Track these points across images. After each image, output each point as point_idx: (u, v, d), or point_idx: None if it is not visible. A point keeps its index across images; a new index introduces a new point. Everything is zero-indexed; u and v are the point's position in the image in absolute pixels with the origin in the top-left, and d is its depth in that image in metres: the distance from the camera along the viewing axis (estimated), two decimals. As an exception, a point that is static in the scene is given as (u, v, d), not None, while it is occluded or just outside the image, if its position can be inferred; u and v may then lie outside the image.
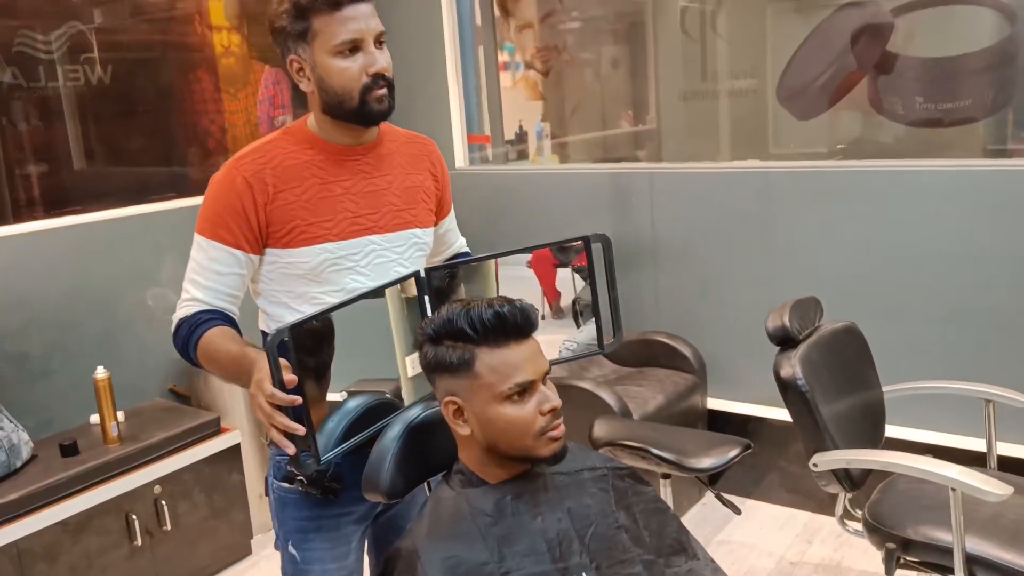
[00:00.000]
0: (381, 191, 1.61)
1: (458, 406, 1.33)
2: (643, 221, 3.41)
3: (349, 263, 1.57)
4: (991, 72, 3.01)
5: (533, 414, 1.31)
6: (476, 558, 1.28)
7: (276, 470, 1.64)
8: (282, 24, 1.50)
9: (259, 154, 1.55)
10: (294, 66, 1.53)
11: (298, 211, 1.53)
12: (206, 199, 1.56)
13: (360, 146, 1.60)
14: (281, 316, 1.58)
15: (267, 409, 1.31)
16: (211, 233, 1.53)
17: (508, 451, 1.34)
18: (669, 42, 4.35)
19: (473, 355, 1.30)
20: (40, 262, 2.92)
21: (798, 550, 2.96)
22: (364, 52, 1.50)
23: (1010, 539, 1.99)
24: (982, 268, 2.78)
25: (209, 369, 1.55)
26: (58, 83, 2.98)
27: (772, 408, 3.24)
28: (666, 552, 1.45)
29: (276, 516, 1.67)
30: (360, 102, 1.51)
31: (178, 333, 1.55)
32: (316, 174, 1.56)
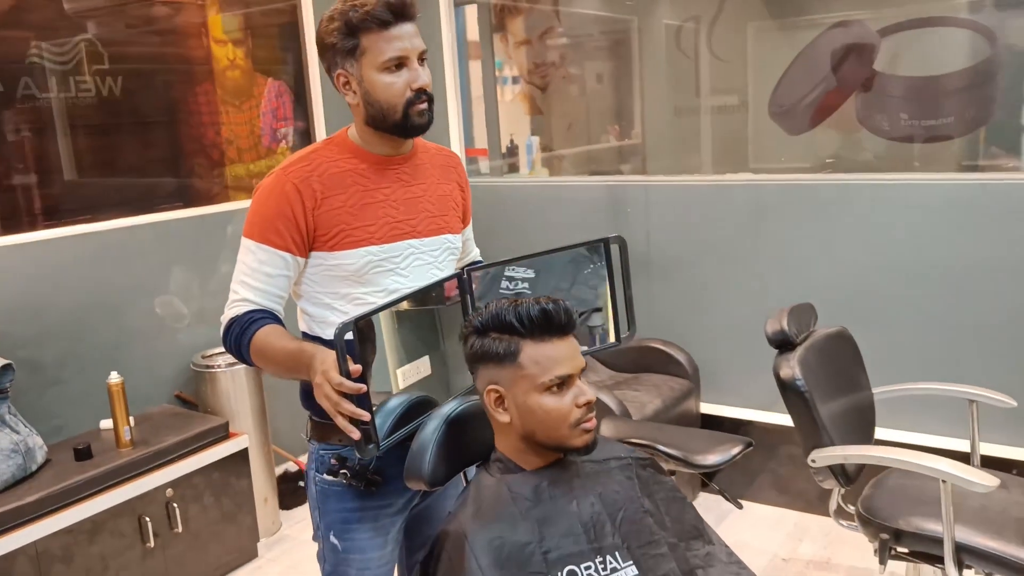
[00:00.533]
0: (418, 198, 1.71)
1: (500, 394, 1.43)
2: (638, 232, 3.53)
3: (391, 265, 1.66)
4: (972, 91, 3.17)
5: (570, 406, 1.42)
6: (519, 539, 1.37)
7: (319, 464, 1.72)
8: (332, 41, 1.59)
9: (306, 162, 1.64)
10: (341, 80, 1.62)
11: (343, 216, 1.62)
12: (255, 205, 1.65)
13: (399, 156, 1.70)
14: (324, 316, 1.67)
15: (334, 397, 1.38)
16: (261, 237, 1.61)
17: (544, 440, 1.44)
18: (654, 59, 4.49)
19: (519, 347, 1.41)
20: (53, 270, 2.97)
21: (789, 548, 3.08)
22: (408, 68, 1.59)
23: (996, 529, 2.12)
24: (964, 276, 2.93)
25: (261, 365, 1.61)
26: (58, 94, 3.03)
27: (762, 412, 3.37)
28: (686, 537, 1.55)
29: (317, 507, 1.74)
30: (403, 115, 1.61)
31: (229, 332, 1.62)
32: (359, 182, 1.65)
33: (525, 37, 4.44)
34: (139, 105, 3.27)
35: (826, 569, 2.93)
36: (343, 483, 1.66)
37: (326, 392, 1.40)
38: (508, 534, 1.37)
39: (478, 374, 1.47)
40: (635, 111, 4.74)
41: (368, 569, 1.74)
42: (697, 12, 4.12)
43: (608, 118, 4.92)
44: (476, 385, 1.49)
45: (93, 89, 3.10)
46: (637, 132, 4.74)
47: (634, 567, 1.41)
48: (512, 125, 4.42)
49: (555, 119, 4.75)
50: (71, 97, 3.05)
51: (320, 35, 1.62)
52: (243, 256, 1.64)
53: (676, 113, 4.37)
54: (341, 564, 1.73)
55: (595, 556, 1.40)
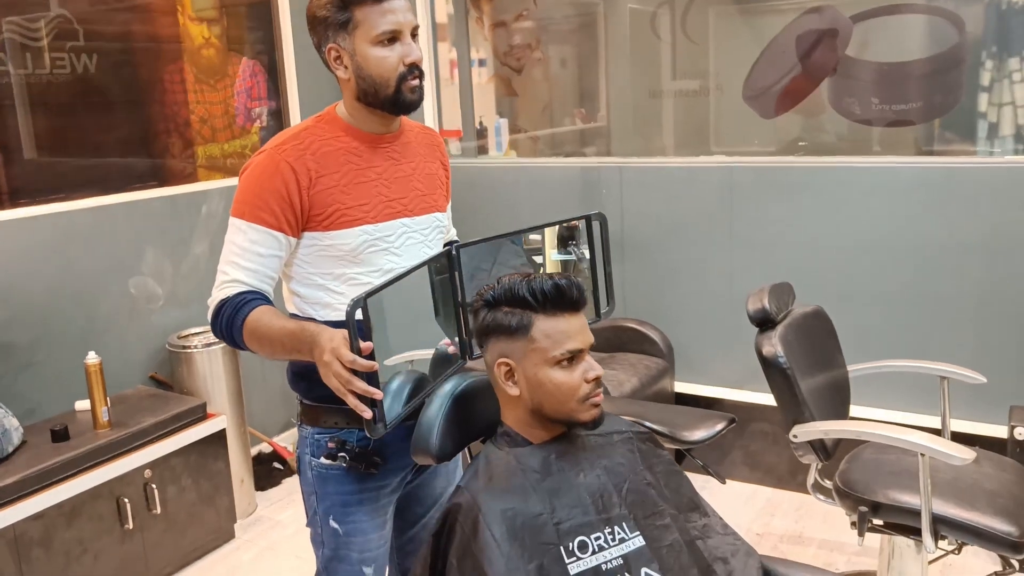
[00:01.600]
0: (408, 176, 1.71)
1: (510, 368, 1.45)
2: (612, 213, 3.57)
3: (385, 244, 1.65)
4: (940, 76, 3.25)
5: (579, 381, 1.44)
6: (531, 510, 1.40)
7: (315, 448, 1.70)
8: (324, 14, 1.57)
9: (298, 140, 1.61)
10: (332, 54, 1.60)
11: (338, 195, 1.61)
12: (246, 183, 1.61)
13: (389, 134, 1.69)
14: (318, 297, 1.65)
15: (345, 375, 1.37)
16: (253, 216, 1.58)
17: (552, 413, 1.46)
18: (619, 43, 4.53)
19: (531, 321, 1.43)
20: (24, 251, 2.92)
21: (763, 523, 3.15)
22: (402, 43, 1.58)
23: (970, 501, 2.20)
24: (930, 256, 3.02)
25: (255, 346, 1.57)
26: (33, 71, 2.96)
27: (734, 390, 3.44)
28: (684, 508, 1.59)
29: (315, 492, 1.73)
30: (396, 90, 1.59)
31: (220, 314, 1.58)
32: (352, 160, 1.63)
33: (500, 19, 4.43)
34: (113, 83, 3.21)
35: (799, 543, 3.01)
36: (343, 467, 1.65)
37: (336, 370, 1.38)
38: (520, 505, 1.40)
39: (488, 347, 1.49)
40: (600, 94, 4.77)
41: (369, 551, 1.75)
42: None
43: (575, 101, 4.95)
44: (485, 358, 1.51)
45: (68, 66, 3.03)
46: (603, 115, 4.78)
47: (640, 537, 1.45)
48: (479, 107, 4.42)
49: (529, 101, 4.76)
50: (45, 74, 2.98)
51: (311, 8, 1.60)
52: (233, 236, 1.61)
53: (641, 96, 4.41)
54: (342, 548, 1.73)
55: (604, 527, 1.43)
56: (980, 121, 3.18)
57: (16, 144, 2.95)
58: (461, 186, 3.94)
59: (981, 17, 3.18)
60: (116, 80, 3.21)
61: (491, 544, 1.34)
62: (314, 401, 1.69)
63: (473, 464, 1.49)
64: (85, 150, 3.16)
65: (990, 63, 3.12)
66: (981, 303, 2.97)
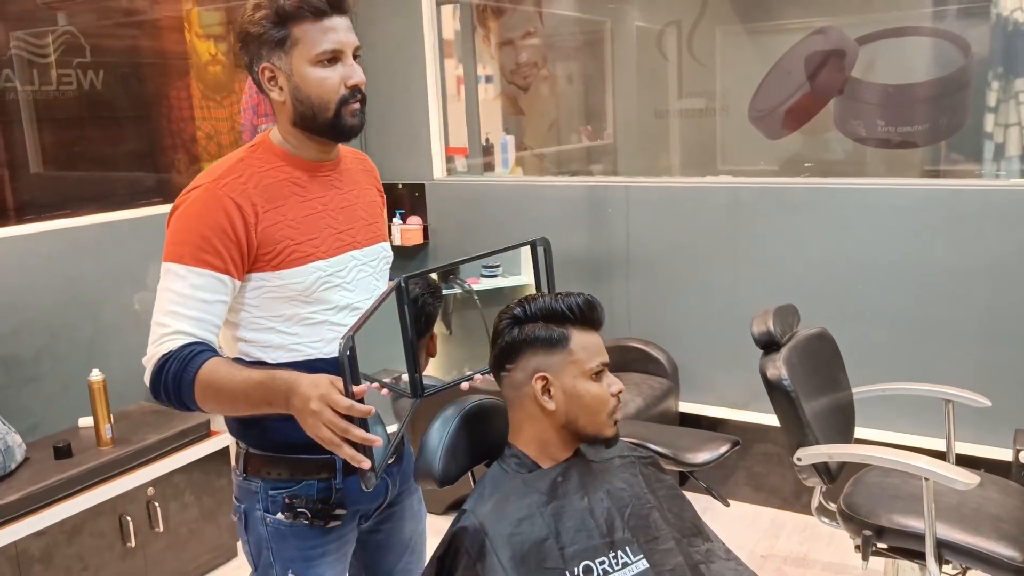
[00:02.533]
0: (352, 206, 1.60)
1: (547, 381, 1.46)
2: (618, 232, 3.57)
3: (337, 280, 1.53)
4: (946, 99, 3.26)
5: (607, 394, 1.49)
6: (537, 534, 1.40)
7: (269, 503, 1.56)
8: (258, 31, 1.45)
9: (236, 173, 1.47)
10: (265, 74, 1.48)
11: (286, 231, 1.48)
12: (182, 223, 1.45)
13: (329, 161, 1.58)
14: (268, 340, 1.51)
15: (341, 424, 1.25)
16: (194, 259, 1.42)
17: (584, 426, 1.49)
18: (626, 62, 4.55)
19: (569, 334, 1.46)
20: (30, 266, 2.93)
21: (767, 544, 3.13)
22: (343, 63, 1.48)
23: (974, 526, 2.18)
24: (936, 279, 3.01)
25: (210, 404, 1.40)
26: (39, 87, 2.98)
27: (738, 410, 3.43)
28: (687, 533, 1.59)
29: (269, 548, 1.58)
30: (335, 114, 1.48)
31: (164, 371, 1.39)
32: (296, 191, 1.51)
33: (507, 37, 4.46)
34: (119, 99, 3.23)
35: (803, 565, 3.00)
36: (304, 523, 1.53)
37: (327, 419, 1.25)
38: (526, 529, 1.40)
39: (518, 364, 1.49)
40: (607, 112, 4.79)
41: None
42: (668, 16, 4.18)
43: (581, 119, 4.97)
44: (511, 377, 1.50)
45: (74, 82, 3.05)
46: (609, 133, 4.79)
47: (644, 561, 1.45)
48: (486, 124, 4.44)
49: (535, 118, 4.78)
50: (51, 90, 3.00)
51: (243, 25, 1.47)
52: (170, 284, 1.43)
53: (648, 114, 4.43)
54: None
55: (608, 551, 1.43)
56: (987, 142, 3.18)
57: (23, 160, 2.97)
58: (466, 204, 4.00)
59: (987, 38, 3.19)
60: (122, 96, 3.24)
61: (497, 569, 1.34)
62: (265, 450, 1.55)
63: (479, 487, 1.49)
64: (91, 166, 3.18)
65: (996, 84, 3.13)
66: (986, 326, 2.96)
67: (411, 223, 4.01)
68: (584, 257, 3.66)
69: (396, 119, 4.01)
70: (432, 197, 4.01)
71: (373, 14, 3.95)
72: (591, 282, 3.66)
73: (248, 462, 1.58)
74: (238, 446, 1.61)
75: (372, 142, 4.11)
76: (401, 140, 4.03)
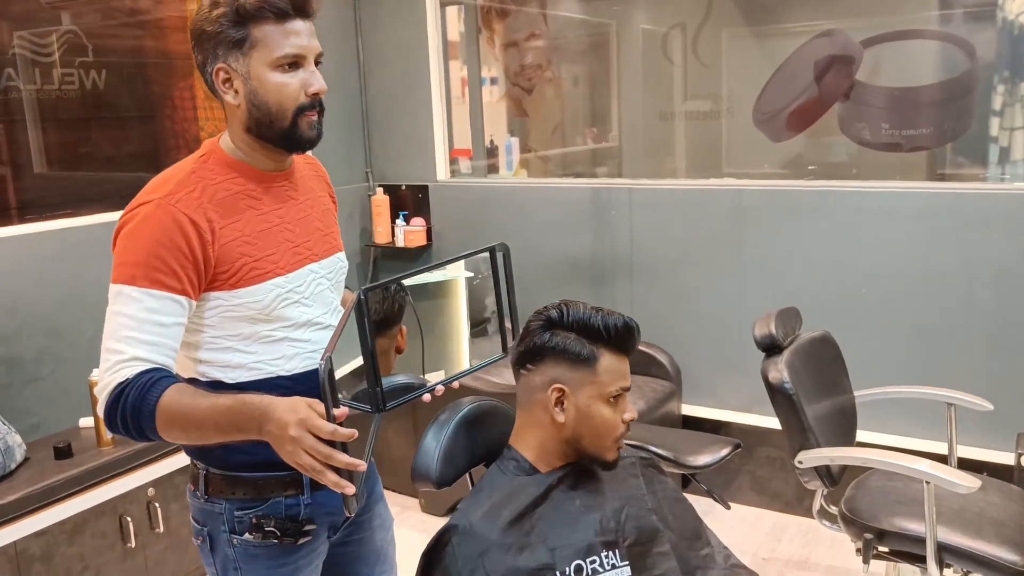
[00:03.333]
0: (307, 217, 1.54)
1: (563, 394, 1.45)
2: (622, 234, 3.56)
3: (296, 296, 1.47)
4: (951, 102, 3.25)
5: (618, 420, 1.47)
6: (528, 538, 1.39)
7: (235, 524, 1.50)
8: (215, 29, 1.38)
9: (189, 188, 1.39)
10: (220, 75, 1.41)
11: (243, 247, 1.41)
12: (132, 243, 1.37)
13: (282, 172, 1.51)
14: (227, 360, 1.45)
15: (325, 450, 1.18)
16: (149, 280, 1.34)
17: (588, 446, 1.47)
18: (632, 64, 4.55)
19: (599, 354, 1.44)
20: (31, 266, 2.93)
21: (769, 548, 3.12)
22: (305, 69, 1.41)
23: (976, 530, 2.18)
24: (941, 282, 3.00)
25: (174, 434, 1.33)
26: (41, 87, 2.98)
27: (741, 413, 3.42)
28: (687, 536, 1.58)
29: (238, 570, 1.53)
30: (292, 123, 1.41)
31: (121, 401, 1.31)
32: (251, 204, 1.44)
33: (511, 39, 4.46)
34: (122, 99, 3.23)
35: (805, 568, 2.98)
36: (274, 542, 1.49)
37: (308, 445, 1.18)
38: (516, 533, 1.39)
39: (539, 368, 1.47)
40: (612, 114, 4.79)
41: None
42: (674, 18, 4.18)
43: (586, 121, 4.97)
44: (529, 378, 1.48)
45: (77, 82, 3.06)
46: (614, 135, 4.79)
47: (628, 568, 1.44)
48: (490, 126, 4.44)
49: (539, 121, 4.78)
50: (54, 89, 3.00)
51: (198, 23, 1.40)
52: (122, 307, 1.35)
53: (653, 117, 4.42)
54: None
55: (602, 550, 1.42)
56: (992, 145, 3.17)
57: (26, 159, 2.97)
58: (469, 205, 4.00)
59: (993, 42, 3.18)
60: (125, 96, 3.24)
61: (480, 571, 1.34)
62: (227, 470, 1.50)
63: (476, 488, 1.48)
64: (94, 166, 3.18)
65: (1002, 88, 3.12)
66: (989, 329, 2.95)
67: (414, 225, 4.01)
68: (588, 259, 3.66)
69: (400, 121, 4.01)
70: (436, 199, 4.01)
71: (377, 15, 3.95)
72: (594, 284, 3.65)
73: (209, 483, 1.51)
74: (195, 467, 1.54)
75: (376, 143, 4.11)
76: (405, 142, 4.03)
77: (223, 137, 1.48)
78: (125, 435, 1.34)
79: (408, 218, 4.03)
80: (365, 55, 3.99)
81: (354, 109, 4.06)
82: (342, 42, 3.95)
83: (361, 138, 4.11)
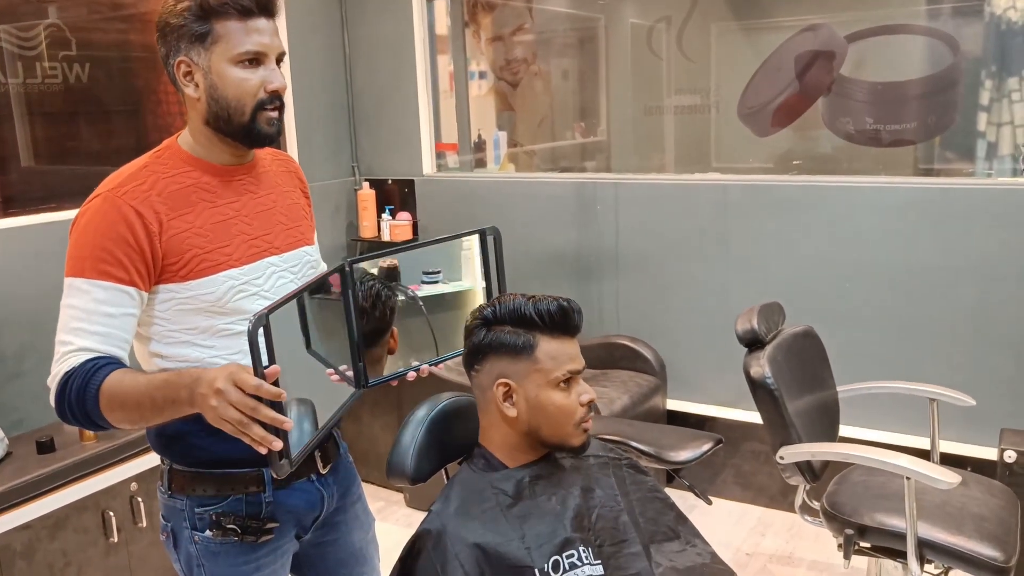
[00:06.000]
0: (269, 210, 1.54)
1: (509, 388, 1.44)
2: (607, 229, 3.56)
3: (253, 288, 1.47)
4: (935, 97, 3.25)
5: (575, 403, 1.45)
6: (502, 535, 1.39)
7: (196, 521, 1.50)
8: (178, 22, 1.40)
9: (139, 181, 1.41)
10: (181, 68, 1.42)
11: (193, 239, 1.42)
12: (81, 237, 1.39)
13: (242, 166, 1.52)
14: (185, 354, 1.45)
15: (249, 402, 1.18)
16: (96, 271, 1.36)
17: (548, 436, 1.46)
18: (620, 58, 4.54)
19: (536, 341, 1.43)
20: (13, 260, 2.91)
21: (753, 542, 3.13)
22: (265, 67, 1.43)
23: (956, 525, 2.18)
24: (924, 278, 3.00)
25: (116, 416, 1.33)
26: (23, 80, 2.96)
27: (726, 408, 3.42)
28: (659, 538, 1.57)
29: (201, 567, 1.53)
30: (251, 119, 1.43)
31: (67, 388, 1.32)
32: (204, 197, 1.45)
33: (497, 33, 4.44)
34: (106, 92, 3.21)
35: (789, 563, 2.99)
36: (235, 539, 1.48)
37: (234, 399, 1.18)
38: (491, 530, 1.39)
39: (484, 367, 1.47)
40: (601, 109, 4.78)
41: None
42: (663, 12, 4.17)
43: (574, 115, 4.96)
44: (477, 378, 1.49)
45: (60, 76, 3.04)
46: (603, 129, 4.78)
47: (600, 567, 1.43)
48: (478, 120, 4.43)
49: (525, 115, 4.77)
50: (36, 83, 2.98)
51: (163, 15, 1.43)
52: (72, 300, 1.38)
53: (641, 112, 4.42)
54: None
55: (578, 545, 1.42)
56: (979, 141, 3.17)
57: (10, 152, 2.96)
58: (455, 200, 3.99)
59: (981, 36, 3.18)
60: (109, 90, 3.22)
61: (457, 572, 1.33)
62: (190, 466, 1.50)
63: (446, 488, 1.48)
64: (78, 159, 3.16)
65: (989, 83, 3.12)
66: (973, 325, 2.95)
67: (400, 219, 4.00)
68: (573, 253, 3.66)
69: (386, 115, 4.00)
70: (421, 193, 4.00)
71: (363, 8, 3.93)
72: (580, 278, 3.65)
73: (172, 479, 1.53)
74: (162, 462, 1.56)
75: (362, 138, 4.10)
76: (391, 136, 4.02)
77: (183, 133, 1.50)
78: (76, 423, 1.37)
79: (394, 212, 4.03)
80: (351, 48, 3.97)
81: (340, 103, 4.04)
82: (328, 35, 3.94)
83: (347, 132, 4.10)
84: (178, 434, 1.47)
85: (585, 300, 3.65)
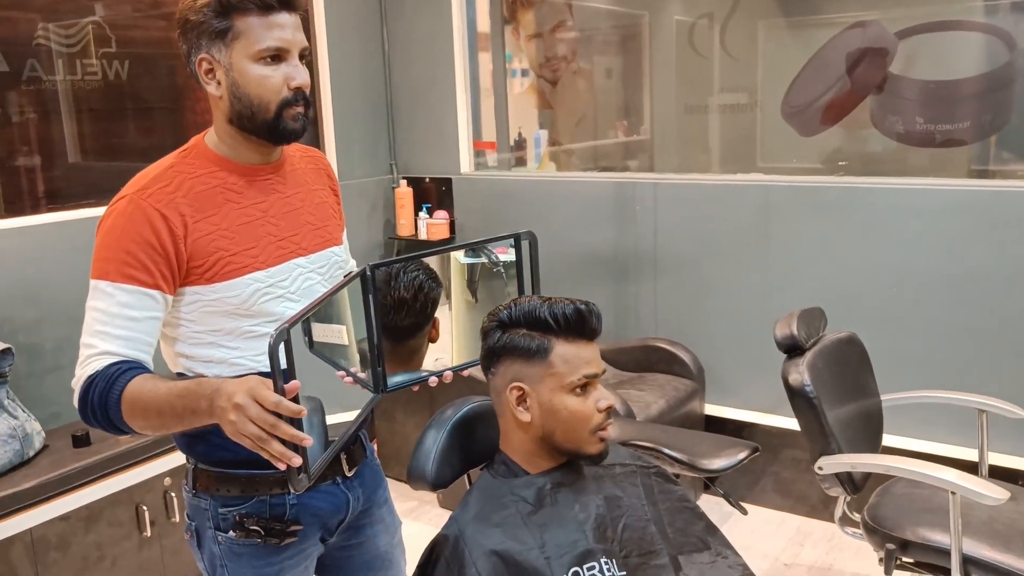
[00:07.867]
0: (297, 210, 1.52)
1: (523, 392, 1.40)
2: (646, 230, 3.50)
3: (279, 291, 1.45)
4: (989, 95, 3.14)
5: (592, 409, 1.40)
6: (521, 544, 1.35)
7: (220, 521, 1.50)
8: (199, 19, 1.37)
9: (164, 182, 1.39)
10: (203, 66, 1.40)
11: (219, 241, 1.40)
12: (106, 239, 1.38)
13: (269, 164, 1.49)
14: (210, 355, 1.44)
15: (269, 419, 1.15)
16: (121, 275, 1.35)
17: (562, 442, 1.42)
18: (664, 56, 4.47)
19: (550, 345, 1.39)
20: (54, 255, 2.94)
21: (791, 552, 3.05)
22: (288, 63, 1.40)
23: (1004, 542, 2.09)
24: (974, 284, 2.89)
25: (137, 422, 1.32)
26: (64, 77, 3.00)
27: (766, 415, 3.34)
28: (689, 549, 1.52)
29: (224, 567, 1.52)
30: (276, 116, 1.40)
31: (91, 391, 1.31)
32: (231, 198, 1.43)
33: (537, 30, 4.40)
34: (144, 89, 3.24)
35: (828, 575, 2.91)
36: (258, 541, 1.47)
37: (253, 415, 1.16)
38: (510, 538, 1.35)
39: (498, 370, 1.43)
40: (644, 107, 4.71)
41: None
42: (709, 9, 4.10)
43: (617, 114, 4.90)
44: (493, 381, 1.45)
45: (99, 73, 3.07)
46: (646, 128, 4.72)
47: None
48: (519, 118, 4.40)
49: (563, 113, 4.72)
50: (77, 80, 3.02)
51: (184, 11, 1.40)
52: (96, 302, 1.36)
53: (686, 111, 4.34)
54: None
55: (600, 556, 1.38)
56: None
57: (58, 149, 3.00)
58: (493, 198, 3.95)
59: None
60: (148, 86, 3.25)
61: None
62: (214, 466, 1.49)
63: (467, 494, 1.45)
64: (118, 155, 3.20)
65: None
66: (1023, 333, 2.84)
67: (438, 217, 3.98)
68: (611, 254, 3.60)
69: (424, 112, 3.97)
70: (459, 191, 3.98)
71: (402, 5, 3.91)
72: (617, 280, 3.59)
73: (197, 478, 1.52)
74: (187, 461, 1.55)
75: (400, 135, 4.08)
76: (429, 134, 4.00)
77: (209, 132, 1.47)
78: (99, 428, 1.35)
79: (431, 211, 4.00)
80: (389, 44, 3.96)
81: (378, 100, 4.03)
82: (367, 31, 3.92)
83: (385, 129, 4.09)
84: (200, 433, 1.45)
85: (622, 302, 3.60)
